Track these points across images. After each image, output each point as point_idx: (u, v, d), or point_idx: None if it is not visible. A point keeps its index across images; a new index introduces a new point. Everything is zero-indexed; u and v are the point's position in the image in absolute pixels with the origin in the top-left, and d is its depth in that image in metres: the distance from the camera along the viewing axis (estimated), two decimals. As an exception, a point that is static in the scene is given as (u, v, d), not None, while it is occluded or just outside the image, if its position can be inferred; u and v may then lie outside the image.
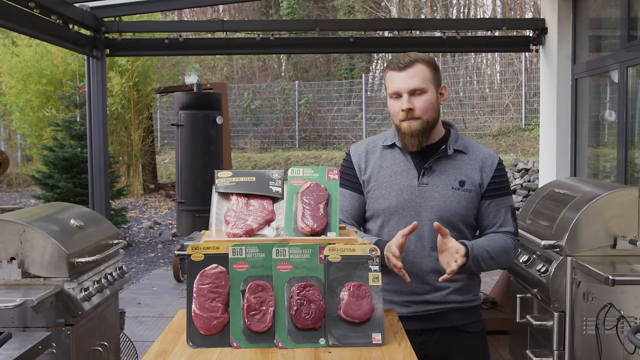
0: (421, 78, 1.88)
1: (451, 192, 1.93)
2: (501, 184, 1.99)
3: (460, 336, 1.99)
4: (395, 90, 1.90)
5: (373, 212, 2.00)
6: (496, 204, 1.98)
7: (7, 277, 2.35)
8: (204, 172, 8.64)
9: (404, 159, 1.98)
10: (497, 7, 17.51)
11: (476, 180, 1.95)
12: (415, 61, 1.89)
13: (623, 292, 2.39)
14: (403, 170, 1.97)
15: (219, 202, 1.76)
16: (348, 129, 16.62)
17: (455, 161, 1.97)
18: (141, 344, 4.32)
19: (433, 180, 1.94)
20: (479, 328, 2.04)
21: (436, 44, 5.73)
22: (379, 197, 1.97)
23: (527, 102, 13.68)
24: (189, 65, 14.03)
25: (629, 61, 4.25)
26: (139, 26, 6.00)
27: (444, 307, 1.96)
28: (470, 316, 2.01)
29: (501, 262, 1.97)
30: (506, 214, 1.99)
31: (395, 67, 1.90)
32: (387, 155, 2.01)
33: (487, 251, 1.91)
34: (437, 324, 1.96)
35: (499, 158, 2.02)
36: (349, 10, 18.48)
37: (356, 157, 2.05)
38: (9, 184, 16.31)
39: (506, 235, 1.98)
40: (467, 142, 2.02)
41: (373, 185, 1.99)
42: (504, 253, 1.95)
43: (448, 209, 1.92)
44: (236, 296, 1.56)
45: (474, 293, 2.03)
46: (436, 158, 1.96)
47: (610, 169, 4.74)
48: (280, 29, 5.84)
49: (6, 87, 12.88)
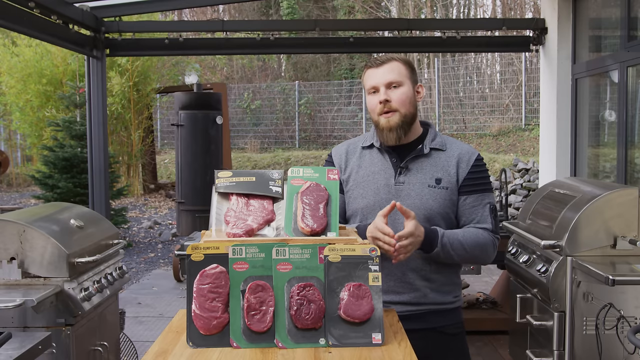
0: (397, 73, 1.95)
1: (427, 190, 1.94)
2: (478, 180, 1.99)
3: (441, 338, 1.99)
4: (373, 84, 1.96)
5: (352, 211, 2.03)
6: (473, 200, 1.98)
7: (7, 277, 2.35)
8: (204, 172, 8.64)
9: (382, 158, 2.02)
10: (497, 7, 17.52)
11: (452, 176, 1.96)
12: (392, 59, 1.97)
13: (623, 292, 2.39)
14: (380, 169, 2.00)
15: (219, 202, 1.76)
16: (348, 129, 16.62)
17: (432, 159, 1.98)
18: (141, 344, 4.32)
19: (409, 178, 1.96)
20: (459, 330, 2.05)
21: (436, 44, 5.74)
22: (357, 196, 2.01)
23: (527, 102, 13.69)
24: (189, 65, 14.04)
25: (629, 61, 4.25)
26: (139, 26, 6.00)
27: (422, 308, 1.97)
28: (450, 318, 2.02)
29: (475, 256, 1.97)
30: (483, 211, 1.98)
31: (372, 65, 1.98)
32: (366, 156, 2.05)
33: (459, 241, 1.91)
34: (417, 325, 1.94)
35: (477, 154, 2.03)
36: (349, 10, 18.49)
37: (337, 157, 2.10)
38: (9, 184, 16.31)
39: (484, 231, 1.97)
40: (446, 140, 2.04)
41: (352, 184, 2.03)
42: (478, 247, 1.94)
43: (424, 207, 1.93)
44: (236, 296, 1.56)
45: (454, 294, 2.03)
46: (413, 157, 1.98)
47: (610, 169, 4.74)
48: (280, 29, 5.84)
49: (6, 87, 12.88)
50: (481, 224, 1.98)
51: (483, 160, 2.04)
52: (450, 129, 15.02)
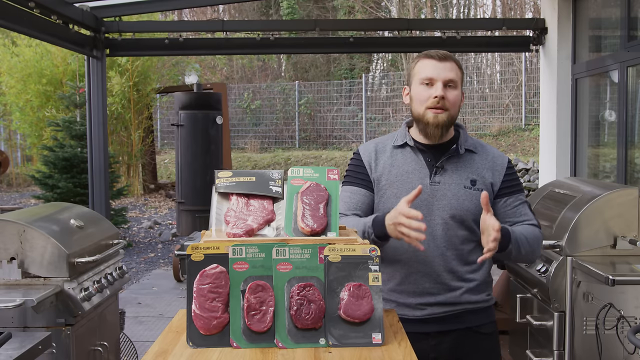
0: (455, 73, 1.93)
1: (463, 190, 1.93)
2: (514, 182, 2.01)
3: (475, 338, 1.97)
4: (431, 76, 1.91)
5: (385, 211, 1.97)
6: (513, 201, 1.99)
7: (7, 277, 2.35)
8: (204, 172, 8.64)
9: (416, 158, 1.98)
10: (497, 7, 17.51)
11: (487, 179, 1.97)
12: (451, 57, 1.95)
13: (623, 292, 2.40)
14: (415, 169, 1.96)
15: (219, 202, 1.76)
16: (348, 129, 16.62)
17: (466, 160, 1.97)
18: (141, 344, 4.32)
19: (445, 179, 1.94)
20: (492, 329, 2.03)
21: (436, 44, 5.73)
22: (390, 195, 1.96)
23: (527, 102, 13.68)
24: (189, 65, 14.04)
25: (629, 61, 4.25)
26: (139, 26, 6.00)
27: (458, 308, 1.95)
28: (485, 317, 2.00)
29: (535, 250, 1.97)
30: (525, 209, 2.00)
31: (433, 56, 1.93)
32: (398, 155, 2.00)
33: (524, 236, 1.92)
34: (452, 325, 1.94)
35: (508, 158, 2.05)
36: (349, 10, 18.48)
37: (366, 155, 2.04)
38: (9, 184, 16.31)
39: (534, 227, 1.99)
40: (477, 143, 2.04)
41: (384, 184, 1.98)
42: (536, 241, 1.96)
43: (460, 207, 1.91)
44: (236, 296, 1.56)
45: (487, 292, 2.02)
46: (448, 157, 1.96)
47: (610, 169, 4.74)
48: (280, 29, 5.84)
49: (6, 87, 12.88)
50: (528, 221, 1.99)
51: (512, 162, 2.07)
52: (450, 129, 14.99)
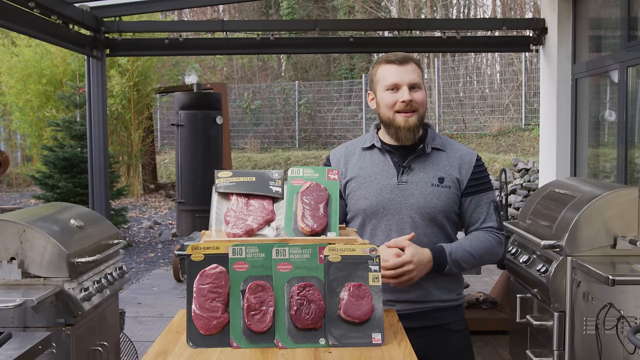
0: (417, 74, 1.97)
1: (430, 188, 1.95)
2: (481, 180, 2.02)
3: (444, 335, 2.01)
4: (395, 82, 1.94)
5: (354, 213, 2.03)
6: (477, 200, 2.01)
7: (7, 277, 2.35)
8: (204, 172, 8.64)
9: (383, 159, 2.02)
10: (497, 7, 17.52)
11: (455, 176, 1.99)
12: (411, 59, 1.97)
13: (623, 292, 2.39)
14: (382, 169, 2.00)
15: (219, 202, 1.76)
16: (348, 129, 16.62)
17: (433, 159, 2.00)
18: (141, 344, 4.32)
19: (412, 178, 1.97)
20: (463, 326, 2.07)
21: (436, 44, 5.74)
22: (359, 197, 2.00)
23: (527, 102, 13.68)
24: (189, 65, 14.04)
25: (629, 61, 4.25)
26: (139, 26, 5.99)
27: (427, 305, 1.98)
28: (454, 315, 2.04)
29: (485, 261, 2.02)
30: (488, 209, 2.02)
31: (394, 61, 1.96)
32: (367, 157, 2.05)
33: (468, 252, 1.95)
34: (422, 322, 1.97)
35: (477, 155, 2.06)
36: (349, 10, 18.49)
37: (335, 160, 2.09)
38: (9, 184, 16.31)
39: (489, 231, 2.01)
40: (445, 141, 2.06)
41: (354, 186, 2.02)
42: (487, 252, 1.99)
43: (428, 205, 1.94)
44: (236, 296, 1.56)
45: (457, 292, 2.06)
46: (415, 156, 1.99)
47: (610, 169, 4.74)
48: (280, 29, 5.85)
49: (6, 87, 12.87)
50: (487, 223, 2.02)
51: (482, 160, 2.07)
52: (450, 129, 15.03)
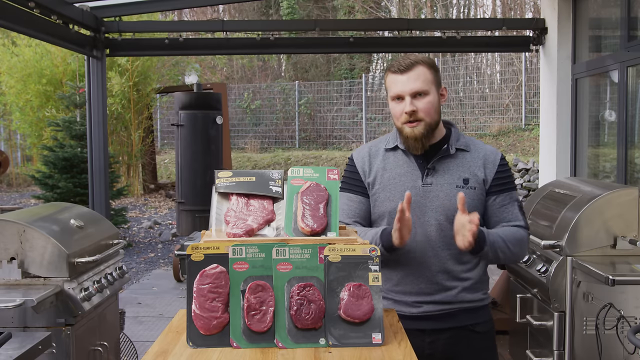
0: (422, 80, 1.89)
1: (456, 190, 1.92)
2: (505, 179, 1.99)
3: (470, 336, 1.98)
4: (398, 93, 1.91)
5: (379, 214, 2.00)
6: (502, 199, 1.98)
7: (7, 277, 2.35)
8: (204, 172, 8.64)
9: (407, 160, 1.99)
10: (497, 7, 17.51)
11: (480, 177, 1.96)
12: (416, 63, 1.90)
13: (623, 292, 2.40)
14: (406, 171, 1.97)
15: (219, 202, 1.76)
16: (348, 129, 16.62)
17: (457, 160, 1.97)
18: (141, 344, 4.32)
19: (437, 179, 1.94)
20: (488, 328, 2.04)
21: (436, 44, 5.73)
22: (384, 199, 1.98)
23: (527, 102, 13.68)
24: (189, 65, 14.04)
25: (629, 61, 4.25)
26: (139, 26, 5.99)
27: (454, 306, 1.96)
28: (480, 316, 2.01)
29: (516, 253, 1.97)
30: (513, 208, 1.99)
31: (396, 70, 1.91)
32: (390, 158, 2.01)
33: (502, 239, 1.91)
34: (448, 323, 1.95)
35: (501, 154, 2.03)
36: (349, 10, 18.48)
37: (359, 160, 2.05)
38: (9, 184, 16.31)
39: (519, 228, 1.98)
40: (469, 140, 2.03)
41: (378, 187, 2.00)
42: (518, 244, 1.95)
43: (453, 207, 1.90)
44: (236, 296, 1.56)
45: (483, 291, 2.02)
46: (439, 158, 1.96)
47: (610, 169, 4.74)
48: (280, 29, 5.84)
49: (6, 87, 12.87)
50: (514, 222, 1.98)
51: (506, 159, 2.04)
52: (450, 129, 14.99)
